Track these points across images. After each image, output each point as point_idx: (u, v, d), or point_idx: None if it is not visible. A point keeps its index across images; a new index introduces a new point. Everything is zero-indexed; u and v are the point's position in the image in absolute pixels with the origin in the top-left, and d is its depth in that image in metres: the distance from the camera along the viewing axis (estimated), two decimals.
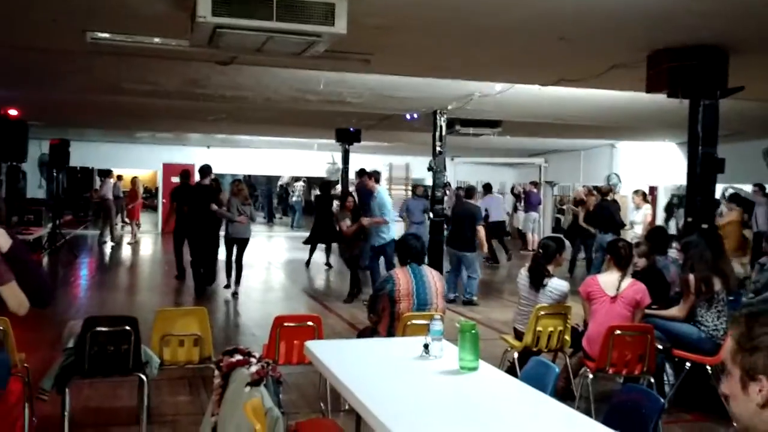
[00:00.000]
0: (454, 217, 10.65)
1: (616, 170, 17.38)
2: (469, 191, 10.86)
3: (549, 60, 6.50)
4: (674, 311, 5.68)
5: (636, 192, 12.69)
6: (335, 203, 12.67)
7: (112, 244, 16.93)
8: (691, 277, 5.54)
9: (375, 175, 10.87)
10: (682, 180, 6.07)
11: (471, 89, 8.69)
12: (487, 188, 15.83)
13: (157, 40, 5.76)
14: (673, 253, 6.70)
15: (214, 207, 10.25)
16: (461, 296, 10.21)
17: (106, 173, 20.27)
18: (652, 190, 16.25)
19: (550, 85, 7.64)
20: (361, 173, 11.44)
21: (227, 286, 10.38)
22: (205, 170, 10.74)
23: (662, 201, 16.20)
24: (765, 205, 11.86)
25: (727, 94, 5.79)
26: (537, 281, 5.87)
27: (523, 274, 6.03)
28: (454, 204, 11.93)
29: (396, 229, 10.25)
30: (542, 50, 6.07)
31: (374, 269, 9.97)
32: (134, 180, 18.51)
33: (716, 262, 5.58)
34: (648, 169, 16.24)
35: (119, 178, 19.68)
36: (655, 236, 7.07)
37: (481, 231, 10.24)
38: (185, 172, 11.68)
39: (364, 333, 5.81)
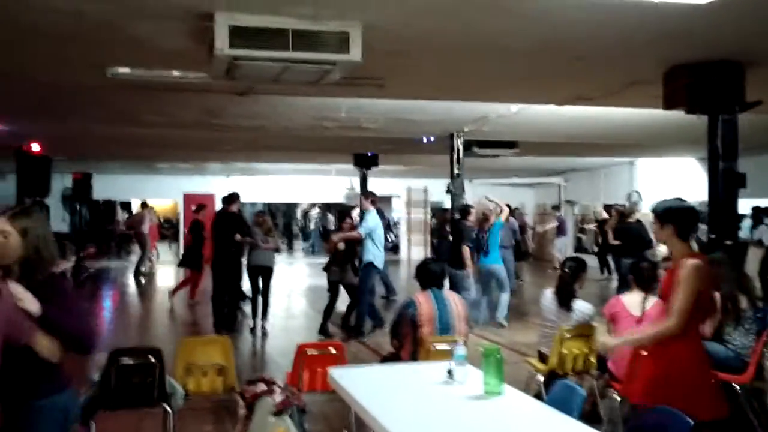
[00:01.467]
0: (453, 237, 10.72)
1: (636, 188, 17.27)
2: (464, 211, 10.60)
3: (566, 79, 6.49)
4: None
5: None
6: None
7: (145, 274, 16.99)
8: (717, 295, 5.45)
9: (371, 196, 10.05)
10: (704, 196, 6.00)
11: (487, 110, 8.70)
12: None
13: (176, 73, 5.85)
14: None
15: (238, 237, 9.87)
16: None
17: (127, 206, 20.47)
18: None
19: (567, 105, 7.63)
20: (362, 194, 10.90)
21: (253, 329, 9.90)
22: (232, 198, 10.23)
23: None
24: None
25: (745, 108, 5.75)
26: (565, 301, 5.82)
27: (548, 296, 5.97)
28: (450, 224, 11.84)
29: (376, 253, 9.37)
30: (559, 70, 6.07)
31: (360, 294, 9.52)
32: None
33: (741, 280, 5.50)
34: (669, 186, 16.10)
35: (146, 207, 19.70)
36: None
37: (466, 251, 10.00)
38: (228, 197, 10.61)
39: (387, 358, 5.78)
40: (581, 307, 5.78)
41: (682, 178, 15.70)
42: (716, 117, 5.73)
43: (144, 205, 18.16)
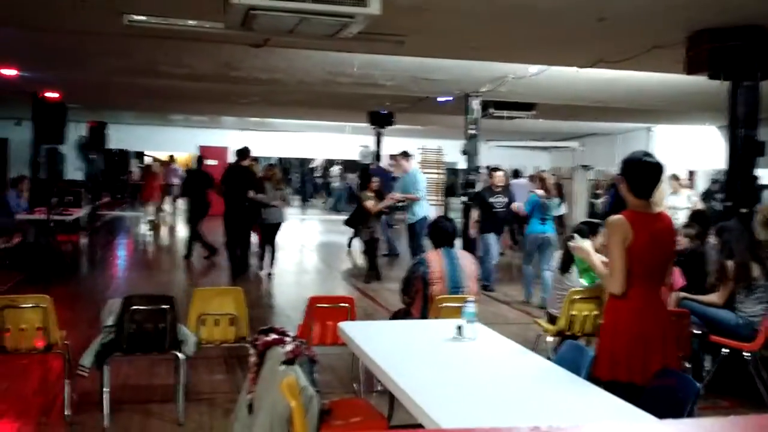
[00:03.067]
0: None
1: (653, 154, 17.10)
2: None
3: (587, 41, 6.40)
4: (713, 297, 5.59)
5: (672, 176, 12.47)
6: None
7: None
8: (730, 263, 5.44)
9: (407, 156, 10.98)
10: (722, 164, 5.95)
11: (505, 71, 8.60)
12: (515, 173, 15.82)
13: (191, 22, 5.81)
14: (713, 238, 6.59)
15: (251, 194, 10.14)
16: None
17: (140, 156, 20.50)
18: (691, 174, 15.97)
19: (588, 67, 7.53)
20: (400, 155, 11.25)
21: (265, 270, 10.40)
22: (244, 152, 10.71)
23: (701, 186, 15.91)
24: None
25: None
26: (564, 266, 5.84)
27: (558, 256, 6.00)
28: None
29: (427, 207, 10.41)
30: (580, 31, 5.98)
31: (417, 247, 10.00)
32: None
33: (754, 248, 5.48)
34: (686, 154, 15.94)
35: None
36: (703, 219, 6.92)
37: (473, 215, 10.04)
38: (241, 151, 11.05)
39: (397, 315, 5.83)
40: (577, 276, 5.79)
41: (699, 146, 15.52)
42: (738, 83, 5.66)
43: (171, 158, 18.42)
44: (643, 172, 3.55)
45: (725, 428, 1.12)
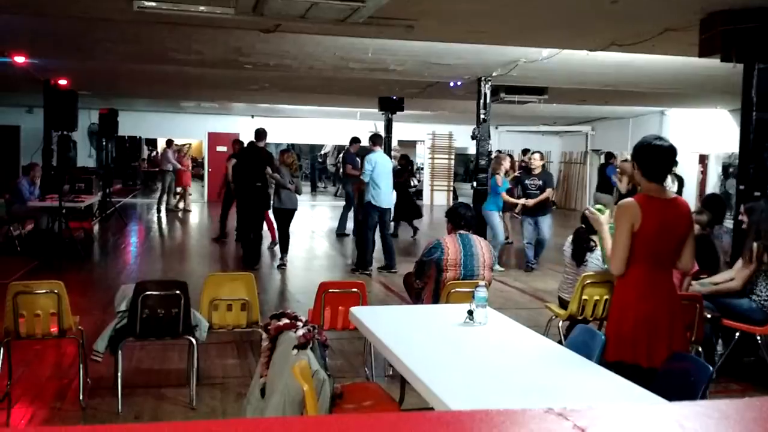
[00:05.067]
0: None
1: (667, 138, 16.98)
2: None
3: (600, 24, 6.34)
4: (731, 282, 5.52)
5: None
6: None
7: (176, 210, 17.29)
8: (755, 244, 5.38)
9: (374, 139, 10.47)
10: (734, 148, 5.90)
11: (517, 55, 8.55)
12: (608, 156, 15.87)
13: (202, 8, 5.79)
14: (729, 223, 6.55)
15: (269, 171, 9.98)
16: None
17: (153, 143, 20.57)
18: (703, 158, 15.86)
19: (600, 50, 7.47)
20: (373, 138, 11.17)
21: (278, 261, 10.19)
22: (261, 134, 10.61)
23: (713, 170, 15.81)
24: None
25: None
26: (579, 256, 5.81)
27: (569, 241, 5.97)
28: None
29: (381, 195, 9.64)
30: (593, 14, 5.93)
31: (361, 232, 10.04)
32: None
33: None
34: (699, 137, 15.83)
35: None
36: (715, 205, 6.88)
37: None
38: (259, 132, 10.91)
39: (409, 280, 5.84)
40: (600, 257, 5.76)
41: (713, 130, 15.41)
42: (752, 65, 5.59)
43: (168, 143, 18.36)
44: (654, 156, 3.53)
45: (739, 410, 1.11)
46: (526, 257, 10.35)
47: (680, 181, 10.83)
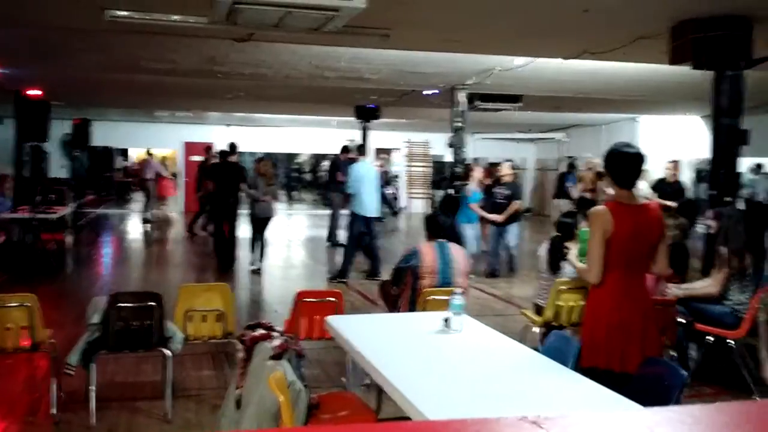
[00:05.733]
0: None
1: (639, 145, 17.17)
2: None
3: (572, 32, 6.41)
4: (708, 287, 5.57)
5: None
6: None
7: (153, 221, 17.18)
8: (724, 249, 5.45)
9: (358, 149, 11.20)
10: (705, 154, 5.98)
11: (491, 63, 8.61)
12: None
13: (175, 17, 5.75)
14: (701, 227, 6.62)
15: (244, 187, 10.22)
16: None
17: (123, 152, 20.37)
18: (675, 164, 16.03)
19: (573, 59, 7.55)
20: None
21: (255, 266, 10.32)
22: (233, 148, 10.77)
23: (686, 175, 16.01)
24: None
25: (752, 64, 5.70)
26: (554, 264, 5.82)
27: (544, 248, 6.00)
28: None
29: (365, 204, 9.78)
30: (565, 22, 5.99)
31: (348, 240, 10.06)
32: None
33: (750, 237, 5.49)
34: (671, 143, 16.03)
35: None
36: (689, 210, 6.94)
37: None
38: (227, 149, 11.15)
39: (390, 300, 5.74)
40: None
41: (685, 136, 15.62)
42: (722, 72, 5.68)
43: (148, 152, 18.26)
44: (623, 163, 3.57)
45: (711, 415, 1.12)
46: (489, 263, 10.43)
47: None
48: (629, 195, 3.56)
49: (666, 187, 10.74)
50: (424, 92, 11.16)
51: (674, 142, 15.93)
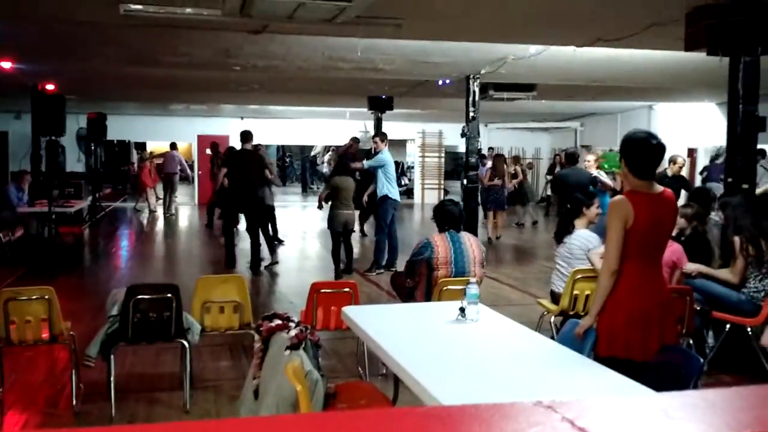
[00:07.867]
0: None
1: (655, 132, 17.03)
2: None
3: (586, 20, 6.37)
4: (728, 276, 5.55)
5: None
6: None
7: (169, 214, 17.31)
8: (737, 239, 5.42)
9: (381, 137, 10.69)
10: (722, 141, 5.93)
11: (505, 52, 8.57)
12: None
13: (189, 10, 5.78)
14: (715, 216, 6.57)
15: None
16: None
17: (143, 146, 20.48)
18: (692, 152, 15.94)
19: (587, 46, 7.50)
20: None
21: (268, 262, 10.11)
22: (248, 135, 10.18)
23: (702, 162, 15.90)
24: None
25: None
26: (558, 236, 5.94)
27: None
28: None
29: (387, 188, 9.86)
30: (579, 10, 5.96)
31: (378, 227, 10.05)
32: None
33: (761, 224, 5.44)
34: (687, 131, 15.90)
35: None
36: (702, 197, 6.86)
37: None
38: (245, 134, 10.51)
39: (406, 293, 5.71)
40: (583, 234, 5.77)
41: (701, 123, 15.48)
42: (738, 58, 5.62)
43: (172, 146, 18.34)
44: (641, 154, 3.49)
45: (726, 399, 1.12)
46: None
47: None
48: (648, 184, 3.51)
49: (668, 182, 10.63)
50: (438, 82, 11.13)
51: (691, 130, 15.81)
